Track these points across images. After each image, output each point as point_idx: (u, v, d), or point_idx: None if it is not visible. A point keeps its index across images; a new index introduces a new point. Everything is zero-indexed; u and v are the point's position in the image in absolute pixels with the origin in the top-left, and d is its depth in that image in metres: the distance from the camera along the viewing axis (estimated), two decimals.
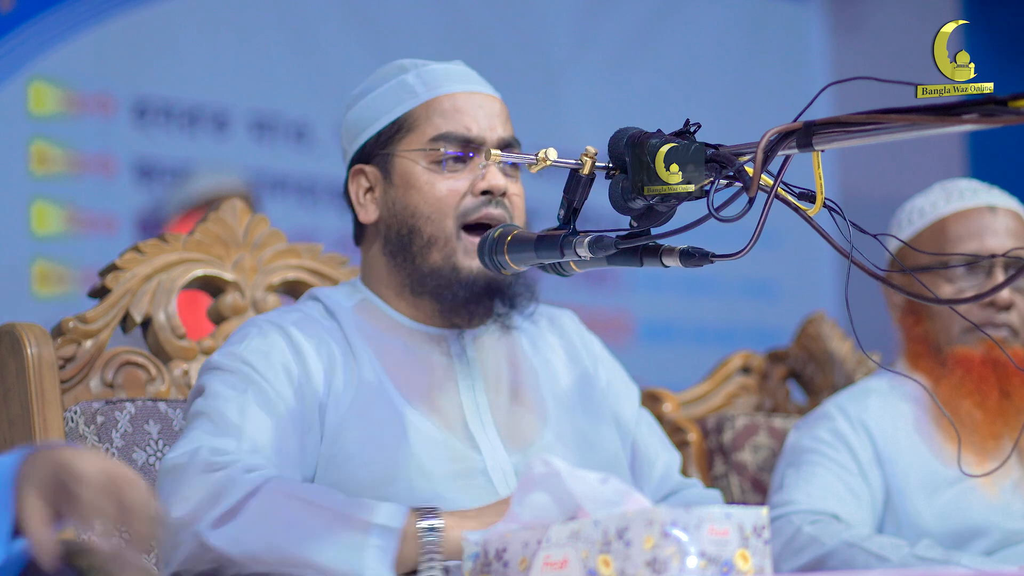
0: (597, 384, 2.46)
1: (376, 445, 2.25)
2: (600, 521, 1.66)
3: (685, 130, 1.97)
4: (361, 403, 2.28)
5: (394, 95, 2.39)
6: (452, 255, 2.32)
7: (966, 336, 2.93)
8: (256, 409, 2.21)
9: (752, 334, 5.88)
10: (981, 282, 2.92)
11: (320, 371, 2.28)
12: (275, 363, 2.26)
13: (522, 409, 2.36)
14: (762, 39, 6.30)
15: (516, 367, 2.40)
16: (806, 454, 2.91)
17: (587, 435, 2.39)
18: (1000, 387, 2.90)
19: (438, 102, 2.37)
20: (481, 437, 2.30)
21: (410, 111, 2.38)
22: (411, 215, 2.34)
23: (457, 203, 2.33)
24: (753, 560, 1.64)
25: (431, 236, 2.33)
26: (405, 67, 2.42)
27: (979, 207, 2.97)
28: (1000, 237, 2.94)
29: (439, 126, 2.35)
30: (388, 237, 2.37)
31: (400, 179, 2.36)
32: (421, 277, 2.34)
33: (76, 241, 4.95)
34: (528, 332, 2.46)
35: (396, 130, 2.38)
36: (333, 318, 2.36)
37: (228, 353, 2.29)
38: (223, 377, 2.26)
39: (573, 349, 2.48)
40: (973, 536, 2.84)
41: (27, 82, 4.90)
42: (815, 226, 1.89)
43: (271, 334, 2.30)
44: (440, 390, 2.33)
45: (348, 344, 2.32)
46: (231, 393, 2.23)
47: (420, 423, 2.28)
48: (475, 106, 2.37)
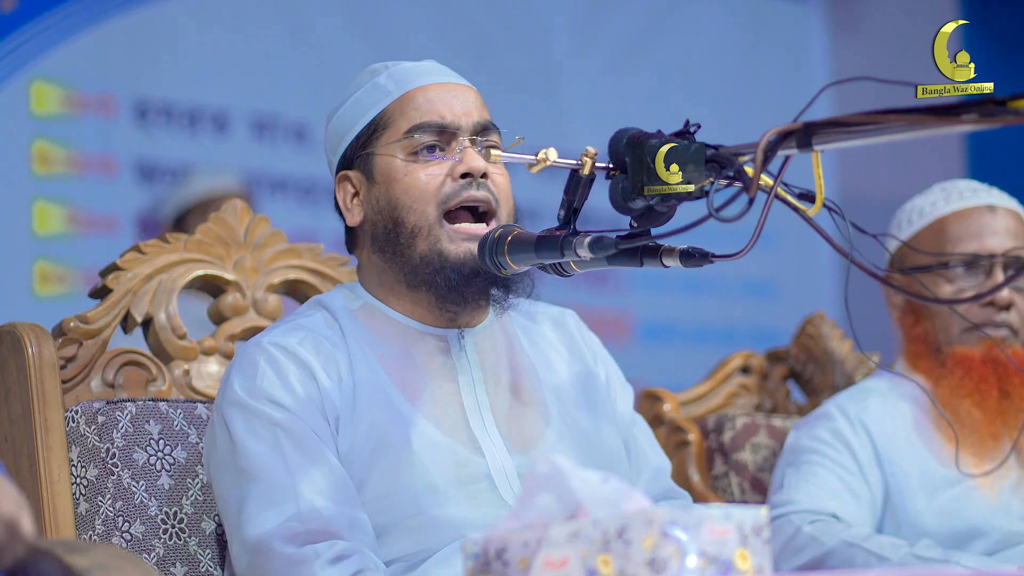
0: (598, 381, 2.46)
1: (381, 456, 2.26)
2: (600, 521, 1.66)
3: (685, 130, 1.97)
4: (366, 410, 2.28)
5: (369, 97, 2.40)
6: (437, 242, 2.31)
7: (966, 336, 2.93)
8: (299, 459, 2.22)
9: (752, 334, 5.88)
10: (981, 282, 2.92)
11: (332, 389, 2.28)
12: (297, 394, 2.26)
13: (524, 408, 2.36)
14: (762, 39, 6.30)
15: (516, 366, 2.40)
16: (806, 454, 2.91)
17: (589, 433, 2.39)
18: (1000, 387, 2.90)
19: (410, 96, 2.37)
20: (484, 439, 2.30)
21: (384, 109, 2.38)
22: (393, 208, 2.34)
23: (437, 189, 2.32)
24: (753, 560, 1.65)
25: (414, 226, 2.32)
26: (377, 70, 2.42)
27: (978, 207, 2.97)
28: (1000, 237, 2.94)
29: (413, 118, 2.35)
30: (375, 235, 2.36)
31: (381, 176, 2.36)
32: (412, 269, 2.33)
33: (77, 241, 4.96)
34: (528, 331, 2.46)
35: (373, 130, 2.38)
36: (336, 323, 2.36)
37: (248, 389, 2.27)
38: (250, 425, 2.25)
39: (575, 346, 2.48)
40: (972, 537, 2.84)
41: (28, 82, 4.90)
42: (815, 226, 1.89)
43: (283, 361, 2.29)
44: (441, 391, 2.33)
45: (352, 351, 2.32)
46: (266, 449, 2.23)
47: (424, 427, 2.28)
48: (448, 95, 2.37)
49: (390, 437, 2.26)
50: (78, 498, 2.39)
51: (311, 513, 2.18)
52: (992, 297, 2.89)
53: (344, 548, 2.17)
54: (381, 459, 2.25)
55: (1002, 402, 2.90)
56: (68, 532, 2.37)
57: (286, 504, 2.19)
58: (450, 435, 2.29)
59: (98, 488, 2.39)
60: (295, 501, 2.19)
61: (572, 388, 2.43)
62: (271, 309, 2.64)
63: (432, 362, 2.34)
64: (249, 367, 2.29)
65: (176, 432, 2.45)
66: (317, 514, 2.18)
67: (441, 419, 2.30)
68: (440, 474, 2.25)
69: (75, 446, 2.40)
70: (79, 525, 2.38)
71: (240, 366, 2.31)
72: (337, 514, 2.19)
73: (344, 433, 2.26)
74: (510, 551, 1.72)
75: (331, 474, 2.22)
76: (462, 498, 2.25)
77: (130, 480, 2.39)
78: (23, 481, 2.38)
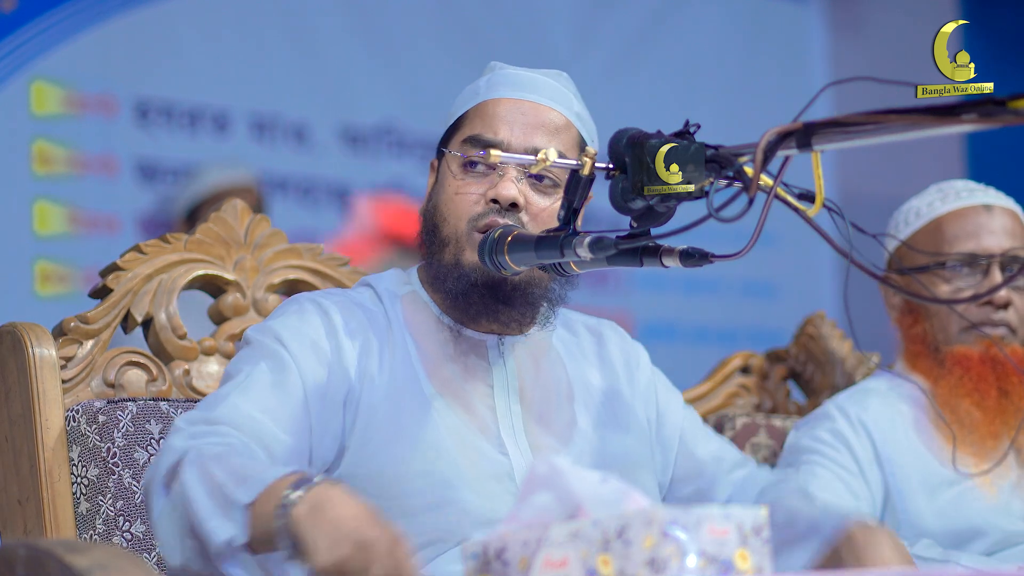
0: (625, 394, 2.46)
1: (404, 438, 2.25)
2: (600, 521, 1.66)
3: (685, 130, 1.98)
4: (395, 393, 2.28)
5: (468, 93, 2.41)
6: (460, 253, 2.32)
7: (964, 335, 2.93)
8: (263, 381, 2.20)
9: (752, 334, 5.88)
10: (978, 281, 2.93)
11: (354, 356, 2.28)
12: (304, 337, 2.27)
13: (553, 421, 2.36)
14: (762, 39, 6.30)
15: (552, 379, 2.40)
16: (806, 454, 2.91)
17: (612, 446, 2.38)
18: (999, 386, 2.90)
19: (485, 106, 2.36)
20: (511, 443, 2.30)
21: (467, 111, 2.38)
22: (435, 214, 2.36)
23: (470, 208, 2.31)
24: (752, 560, 1.65)
25: (446, 235, 2.33)
26: (491, 67, 2.43)
27: (975, 206, 2.97)
28: (997, 236, 2.94)
29: (474, 128, 2.35)
30: (423, 232, 2.39)
31: (440, 176, 2.38)
32: (438, 274, 2.34)
33: (77, 241, 4.96)
34: (567, 342, 2.46)
35: (453, 129, 2.39)
36: (381, 303, 2.37)
37: (261, 327, 2.31)
38: (244, 352, 2.28)
39: (607, 358, 2.48)
40: (972, 537, 2.84)
41: (29, 82, 4.90)
42: (815, 226, 1.89)
43: (308, 311, 2.31)
44: (475, 393, 2.32)
45: (391, 332, 2.33)
46: (244, 367, 2.23)
47: (451, 421, 2.28)
48: (516, 112, 2.35)
49: (416, 425, 2.26)
50: (79, 498, 2.39)
51: (226, 408, 2.15)
52: (990, 296, 2.89)
53: (220, 427, 2.12)
54: (404, 446, 2.24)
55: (1001, 401, 2.90)
56: (68, 532, 2.37)
57: (215, 403, 2.17)
58: (477, 431, 2.29)
59: (99, 488, 2.39)
60: (223, 400, 2.17)
61: (601, 402, 2.43)
62: (271, 309, 2.64)
63: (469, 363, 2.35)
64: (278, 311, 2.34)
65: None
66: (231, 410, 2.15)
67: (471, 416, 2.30)
68: (464, 461, 2.25)
69: (76, 446, 2.40)
70: (79, 525, 2.38)
71: (272, 313, 2.35)
72: (247, 417, 2.15)
73: (365, 405, 2.26)
74: (510, 551, 1.72)
75: (283, 406, 2.19)
76: (483, 490, 2.24)
77: (131, 480, 2.40)
78: (23, 481, 2.38)
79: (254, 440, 2.13)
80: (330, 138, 5.36)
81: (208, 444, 2.06)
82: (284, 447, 2.17)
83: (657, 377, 2.54)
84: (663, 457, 2.48)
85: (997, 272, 2.92)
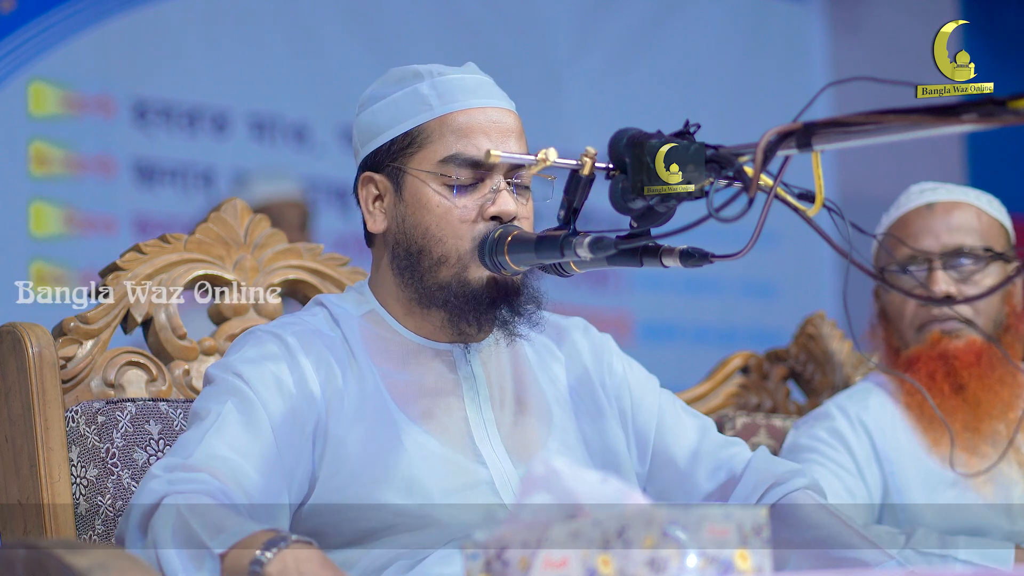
0: (597, 384, 2.45)
1: (375, 465, 2.23)
2: (600, 520, 1.66)
3: (685, 130, 1.97)
4: (362, 419, 2.26)
5: (408, 104, 2.33)
6: (464, 271, 2.28)
7: (918, 336, 2.97)
8: (233, 420, 2.20)
9: (752, 334, 5.88)
10: (925, 281, 2.95)
11: (318, 386, 2.26)
12: (265, 372, 2.24)
13: (528, 421, 2.35)
14: (762, 39, 6.30)
15: (521, 380, 2.38)
16: (805, 453, 2.92)
17: (590, 439, 2.38)
18: (951, 381, 2.92)
19: (451, 118, 2.31)
20: (487, 451, 2.29)
21: (423, 125, 2.32)
22: (421, 235, 2.30)
23: (471, 226, 2.28)
24: (752, 560, 1.65)
25: (442, 255, 2.29)
26: (420, 74, 2.35)
27: (917, 208, 3.02)
28: (935, 235, 2.97)
29: (451, 145, 2.29)
30: (396, 252, 2.33)
31: (411, 196, 2.31)
32: (429, 292, 2.30)
33: (75, 242, 4.95)
34: (533, 342, 2.44)
35: (408, 143, 2.32)
36: (338, 327, 2.34)
37: (221, 364, 2.28)
38: (208, 390, 2.26)
39: (575, 352, 2.47)
40: (971, 536, 2.85)
41: (27, 83, 4.90)
42: (815, 226, 1.89)
43: (267, 344, 2.28)
44: (445, 406, 2.31)
45: (351, 356, 2.31)
46: (211, 405, 2.22)
47: (420, 437, 2.26)
48: (488, 123, 2.31)
49: (383, 446, 2.24)
50: (78, 498, 2.39)
51: (201, 453, 2.15)
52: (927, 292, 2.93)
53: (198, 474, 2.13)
54: (371, 467, 2.23)
55: (960, 394, 2.92)
56: (68, 532, 2.37)
57: (190, 446, 2.17)
58: (449, 446, 2.27)
59: (98, 488, 2.38)
60: (197, 444, 2.17)
61: (573, 397, 2.42)
62: (271, 309, 2.64)
63: (436, 376, 2.32)
64: (235, 346, 2.32)
65: (176, 432, 2.45)
66: (206, 455, 2.15)
67: (441, 431, 2.28)
68: (438, 481, 2.24)
69: (75, 446, 2.40)
70: (79, 525, 2.38)
71: (229, 348, 2.33)
72: (223, 460, 2.15)
73: (333, 434, 2.25)
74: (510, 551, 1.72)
75: (257, 444, 2.19)
76: (457, 500, 2.24)
77: (130, 480, 2.39)
78: (23, 481, 2.38)
79: (232, 483, 2.14)
80: (330, 138, 5.35)
81: (186, 491, 2.09)
82: (260, 488, 2.17)
83: (629, 366, 2.51)
84: (639, 447, 2.46)
85: (940, 271, 2.94)
